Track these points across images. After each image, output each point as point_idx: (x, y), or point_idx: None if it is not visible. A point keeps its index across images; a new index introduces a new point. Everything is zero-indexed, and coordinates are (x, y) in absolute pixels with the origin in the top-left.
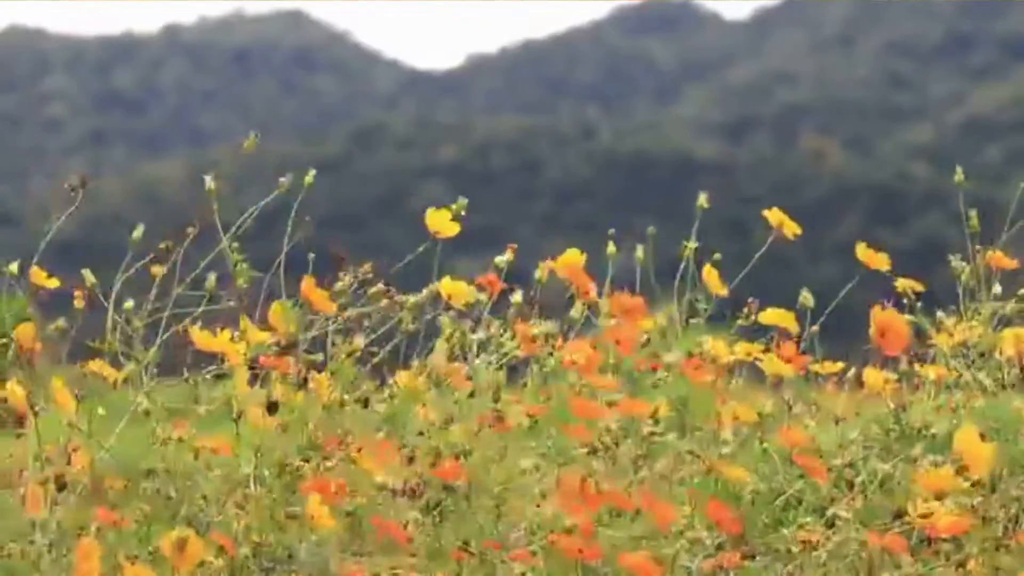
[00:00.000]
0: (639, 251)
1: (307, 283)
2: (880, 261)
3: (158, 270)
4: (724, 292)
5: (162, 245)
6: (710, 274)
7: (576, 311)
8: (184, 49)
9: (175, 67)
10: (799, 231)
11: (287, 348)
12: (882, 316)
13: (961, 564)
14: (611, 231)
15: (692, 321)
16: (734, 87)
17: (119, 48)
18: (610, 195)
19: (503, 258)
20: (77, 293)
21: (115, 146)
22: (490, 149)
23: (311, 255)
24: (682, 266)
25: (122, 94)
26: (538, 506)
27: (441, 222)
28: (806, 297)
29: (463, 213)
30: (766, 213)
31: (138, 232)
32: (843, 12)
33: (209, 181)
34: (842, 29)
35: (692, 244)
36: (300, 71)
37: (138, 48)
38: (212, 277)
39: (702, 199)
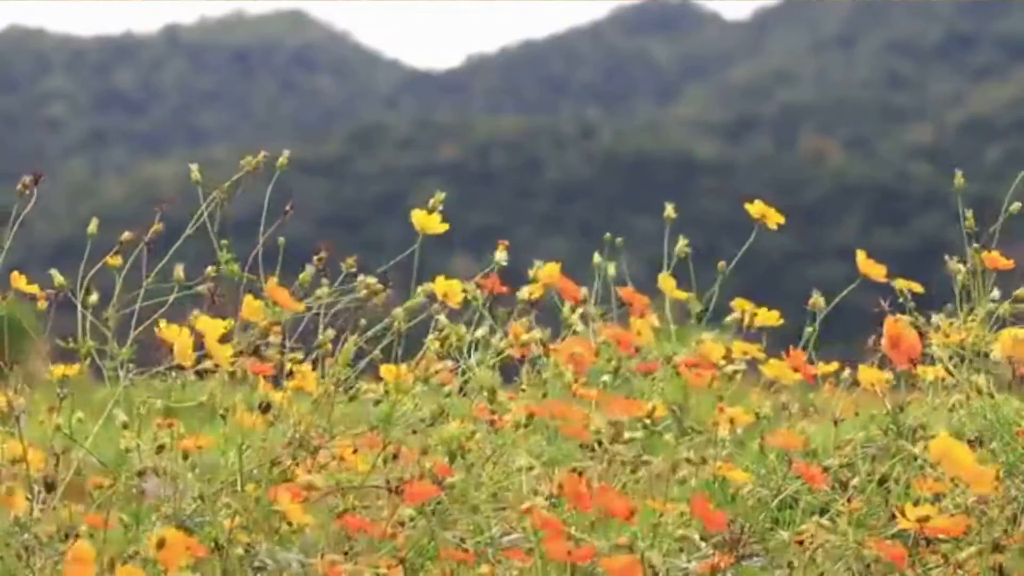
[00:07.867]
0: (609, 267)
1: (270, 283)
2: (877, 271)
3: (114, 261)
4: (685, 297)
5: (123, 236)
6: (666, 281)
7: (567, 312)
8: (184, 49)
9: (175, 67)
10: (782, 220)
11: (260, 345)
12: (894, 327)
13: (959, 565)
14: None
15: (689, 322)
16: (734, 87)
17: (119, 48)
18: (610, 195)
19: (501, 255)
20: (41, 293)
21: (115, 146)
22: (490, 149)
23: (280, 239)
24: (670, 267)
25: (122, 94)
26: (525, 510)
27: (426, 221)
28: (817, 299)
29: (439, 209)
30: (748, 206)
31: (92, 227)
32: (843, 12)
33: (195, 171)
34: (842, 29)
35: (684, 244)
36: (300, 71)
37: (138, 48)
38: (179, 268)
39: (669, 209)
